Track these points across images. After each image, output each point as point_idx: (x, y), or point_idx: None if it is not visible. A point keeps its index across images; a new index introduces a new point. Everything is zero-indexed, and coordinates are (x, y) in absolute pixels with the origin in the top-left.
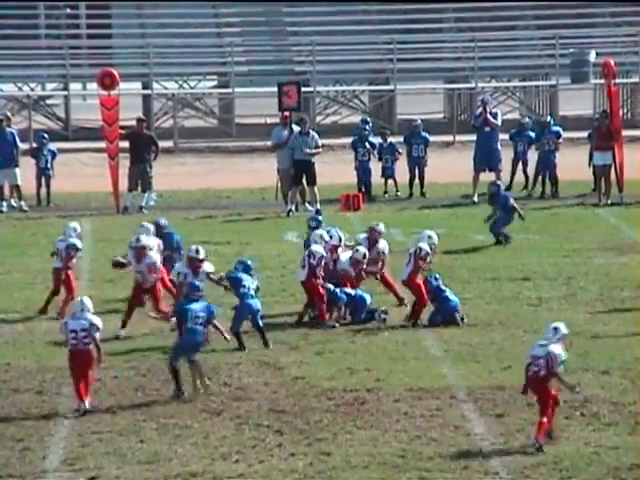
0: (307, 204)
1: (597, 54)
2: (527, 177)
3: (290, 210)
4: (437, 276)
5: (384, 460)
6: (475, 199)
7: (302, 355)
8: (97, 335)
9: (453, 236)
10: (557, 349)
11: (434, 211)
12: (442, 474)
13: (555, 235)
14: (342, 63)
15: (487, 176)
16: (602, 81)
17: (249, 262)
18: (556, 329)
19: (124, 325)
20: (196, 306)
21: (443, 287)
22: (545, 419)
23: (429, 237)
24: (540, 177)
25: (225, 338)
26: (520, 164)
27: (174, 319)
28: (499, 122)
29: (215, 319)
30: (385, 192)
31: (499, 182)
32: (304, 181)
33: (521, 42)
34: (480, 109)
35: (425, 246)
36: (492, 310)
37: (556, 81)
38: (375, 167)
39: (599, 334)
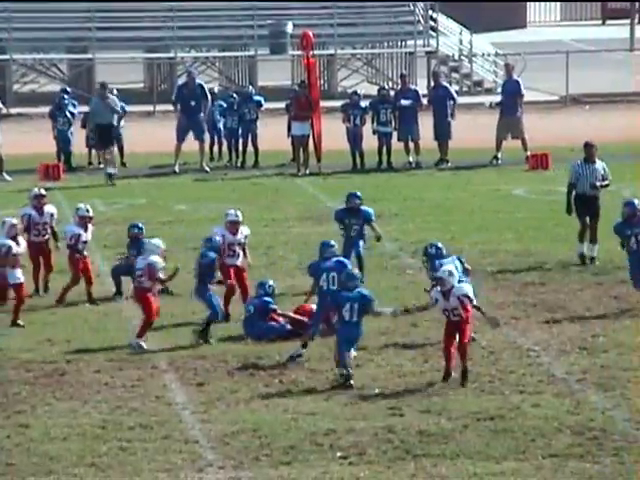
0: (4, 174)
1: (294, 25)
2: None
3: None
4: None
5: (84, 431)
6: (176, 169)
7: None
8: None
9: (155, 206)
10: None
11: (134, 181)
12: (142, 444)
13: (255, 205)
14: (40, 31)
15: (190, 143)
16: (300, 52)
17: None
18: None
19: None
20: None
21: None
22: None
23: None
24: (240, 146)
25: None
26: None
27: None
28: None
29: None
30: (90, 162)
31: None
32: None
33: (220, 12)
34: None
35: None
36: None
37: (255, 52)
38: (79, 136)
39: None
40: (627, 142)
